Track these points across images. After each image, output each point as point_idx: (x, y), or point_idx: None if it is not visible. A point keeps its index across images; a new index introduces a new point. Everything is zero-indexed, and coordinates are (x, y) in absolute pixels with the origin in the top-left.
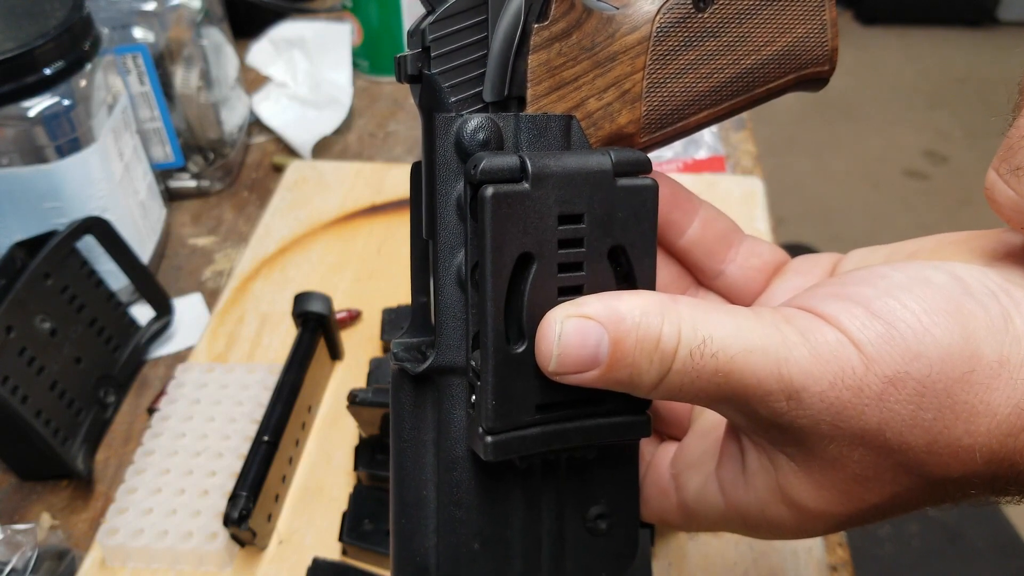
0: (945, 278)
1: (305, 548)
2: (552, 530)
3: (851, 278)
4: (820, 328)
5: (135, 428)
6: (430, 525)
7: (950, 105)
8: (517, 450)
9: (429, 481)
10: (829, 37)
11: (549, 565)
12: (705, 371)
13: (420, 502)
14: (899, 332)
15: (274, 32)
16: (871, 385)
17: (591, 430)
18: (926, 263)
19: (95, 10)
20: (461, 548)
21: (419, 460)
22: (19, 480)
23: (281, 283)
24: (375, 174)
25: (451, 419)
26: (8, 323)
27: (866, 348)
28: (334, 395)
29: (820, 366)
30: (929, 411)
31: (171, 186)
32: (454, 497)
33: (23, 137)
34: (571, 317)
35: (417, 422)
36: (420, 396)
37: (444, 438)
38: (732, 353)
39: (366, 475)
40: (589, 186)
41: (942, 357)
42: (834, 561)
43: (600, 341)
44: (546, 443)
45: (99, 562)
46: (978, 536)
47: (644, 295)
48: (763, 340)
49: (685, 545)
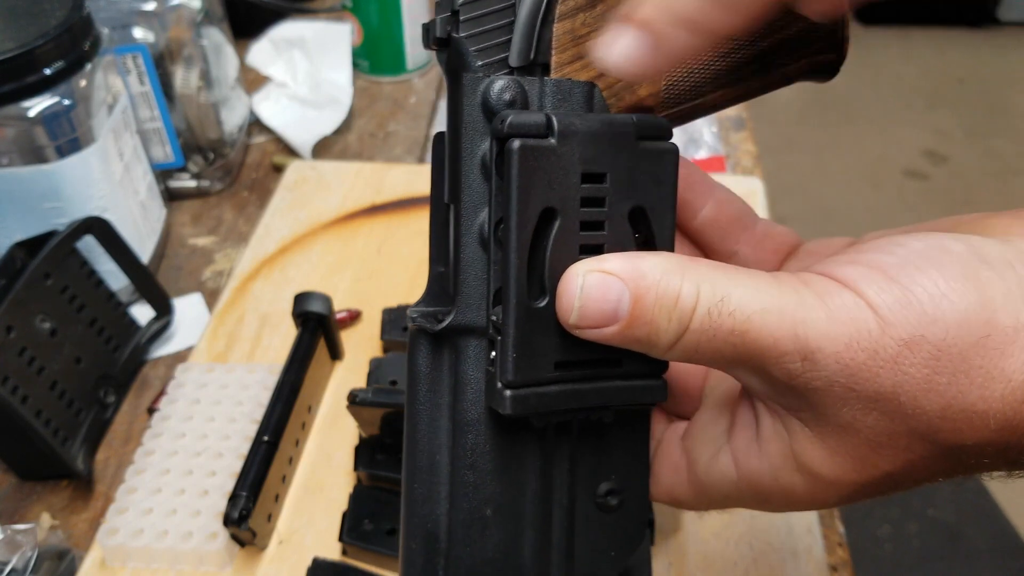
0: (962, 247)
1: (305, 548)
2: (564, 504)
3: (869, 246)
4: (837, 291)
5: (135, 428)
6: (442, 491)
7: (950, 105)
8: (535, 406)
9: (443, 446)
10: (840, 27)
11: (560, 539)
12: (722, 330)
13: (433, 467)
14: (916, 296)
15: (274, 32)
16: (887, 347)
17: (608, 391)
18: (944, 234)
19: (95, 10)
20: (473, 514)
21: (434, 424)
22: (19, 480)
23: (281, 283)
24: (375, 174)
25: (467, 381)
26: (8, 323)
27: (882, 311)
28: (334, 395)
29: (836, 327)
30: (944, 375)
31: (171, 186)
32: (467, 461)
33: (23, 137)
34: (593, 271)
35: (433, 384)
36: (437, 357)
37: (460, 400)
38: (749, 312)
39: (366, 475)
40: (612, 147)
41: (958, 321)
42: (834, 561)
43: (621, 296)
44: (564, 402)
45: (99, 562)
46: (978, 536)
47: (665, 255)
48: (780, 301)
49: (685, 545)
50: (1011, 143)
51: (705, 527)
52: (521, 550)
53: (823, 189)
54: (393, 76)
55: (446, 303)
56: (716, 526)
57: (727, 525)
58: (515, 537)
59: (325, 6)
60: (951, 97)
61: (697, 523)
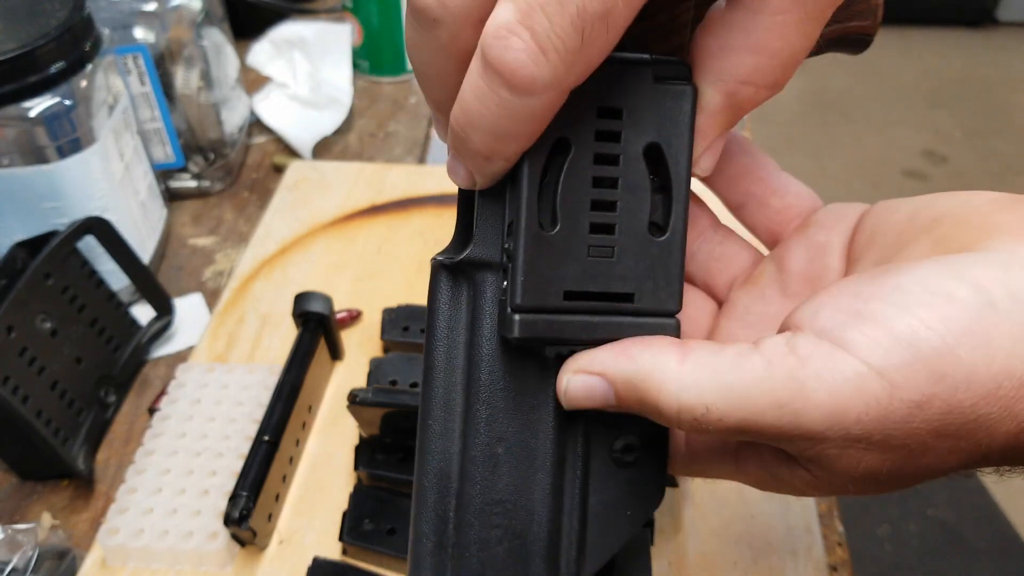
0: (967, 292)
1: (305, 548)
2: (578, 451)
3: (866, 289)
4: (839, 362)
5: (136, 428)
6: (456, 430)
7: (950, 105)
8: (543, 332)
9: (459, 384)
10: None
11: (573, 487)
12: (714, 429)
13: (448, 404)
14: (923, 355)
15: (274, 32)
16: (897, 411)
17: (619, 327)
18: (947, 269)
19: (96, 10)
20: (484, 451)
21: (451, 361)
22: (20, 480)
23: (281, 283)
24: (375, 174)
25: (484, 316)
26: (9, 323)
27: (890, 374)
28: (334, 395)
29: (843, 406)
30: (953, 424)
31: (171, 186)
32: (481, 396)
33: (24, 137)
34: (578, 373)
35: (451, 321)
36: (456, 293)
37: (476, 335)
38: (741, 416)
39: (366, 475)
40: (630, 83)
41: (968, 376)
42: (834, 561)
43: (606, 394)
44: (573, 331)
45: (100, 562)
46: (978, 536)
47: (646, 355)
48: (776, 395)
49: (685, 545)
50: (1011, 143)
51: (705, 527)
52: (532, 493)
53: (822, 189)
54: (393, 76)
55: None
56: (716, 526)
57: (727, 525)
58: (526, 479)
59: (325, 6)
60: (951, 97)
61: (697, 523)
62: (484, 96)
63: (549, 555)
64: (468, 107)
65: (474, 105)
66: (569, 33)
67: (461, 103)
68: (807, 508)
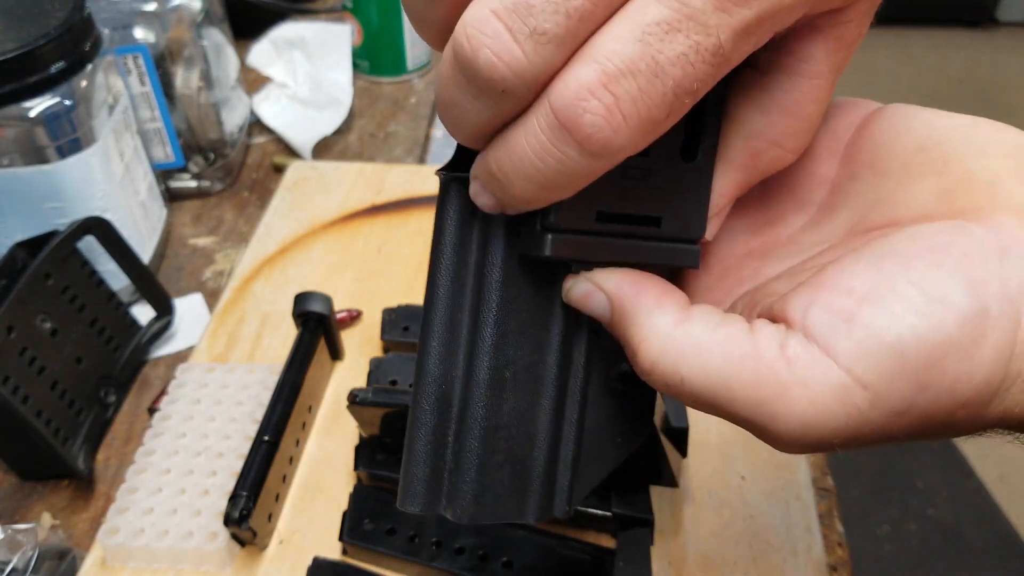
0: (962, 296)
1: (305, 548)
2: (580, 377)
3: (860, 286)
4: (825, 371)
5: (136, 428)
6: (460, 352)
7: (950, 105)
8: (573, 250)
9: (466, 306)
10: None
11: (572, 414)
12: (681, 397)
13: (453, 325)
14: (910, 366)
15: (274, 33)
16: (876, 419)
17: (644, 250)
18: (945, 267)
19: (96, 10)
20: (492, 375)
21: (459, 280)
22: (20, 480)
23: (281, 283)
24: (375, 174)
25: (497, 236)
26: (9, 323)
27: (875, 386)
28: (334, 395)
29: (821, 419)
30: (927, 428)
31: (172, 186)
32: (491, 318)
33: (24, 137)
34: (588, 281)
35: (461, 239)
36: (467, 209)
37: (487, 255)
38: (714, 398)
39: (366, 475)
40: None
41: (950, 388)
42: (833, 561)
43: (603, 310)
44: (602, 253)
45: (100, 562)
46: (978, 536)
47: (648, 300)
48: (757, 392)
49: (685, 545)
50: None
51: (705, 527)
52: (536, 419)
53: None
54: (393, 76)
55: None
56: (716, 526)
57: (727, 525)
58: (531, 404)
59: (325, 6)
60: (950, 97)
61: (697, 523)
62: (544, 151)
63: (546, 479)
64: (520, 157)
65: (527, 156)
66: (658, 106)
67: (512, 151)
68: (807, 508)
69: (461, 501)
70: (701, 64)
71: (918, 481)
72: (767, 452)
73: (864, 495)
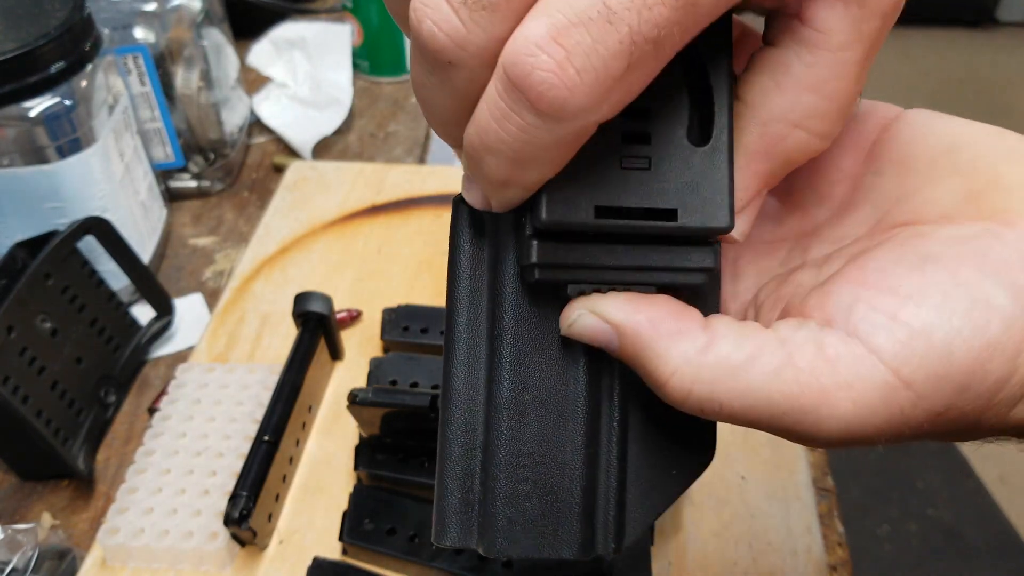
0: (1005, 299)
1: (305, 548)
2: (616, 401)
3: (904, 284)
4: (869, 369)
5: (136, 428)
6: (481, 377)
7: (950, 105)
8: (565, 259)
9: (483, 328)
10: None
11: (609, 441)
12: (722, 419)
13: (472, 350)
14: (955, 368)
15: (274, 33)
16: (916, 418)
17: (648, 254)
18: (985, 268)
19: (96, 10)
20: (510, 399)
21: (474, 303)
22: (20, 480)
23: (281, 283)
24: (375, 174)
25: (507, 253)
26: (9, 323)
27: (919, 386)
28: (334, 395)
29: (866, 418)
30: (956, 425)
31: (172, 186)
32: (505, 339)
33: (24, 137)
34: (587, 314)
35: (474, 260)
36: (478, 227)
37: (499, 274)
38: (755, 416)
39: (366, 475)
40: None
41: (989, 390)
42: (833, 560)
43: (611, 341)
44: (599, 257)
45: (100, 561)
46: (978, 536)
47: (667, 329)
48: (799, 401)
49: (685, 545)
50: None
51: (705, 527)
52: (563, 444)
53: None
54: (393, 76)
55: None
56: (716, 526)
57: (727, 525)
58: (557, 428)
59: (325, 6)
60: (951, 97)
61: (697, 523)
62: (503, 118)
63: (584, 513)
64: (484, 128)
65: (491, 127)
66: (614, 56)
67: (476, 123)
68: (807, 508)
69: (491, 534)
70: (659, 6)
71: (918, 481)
72: (767, 452)
73: (864, 495)
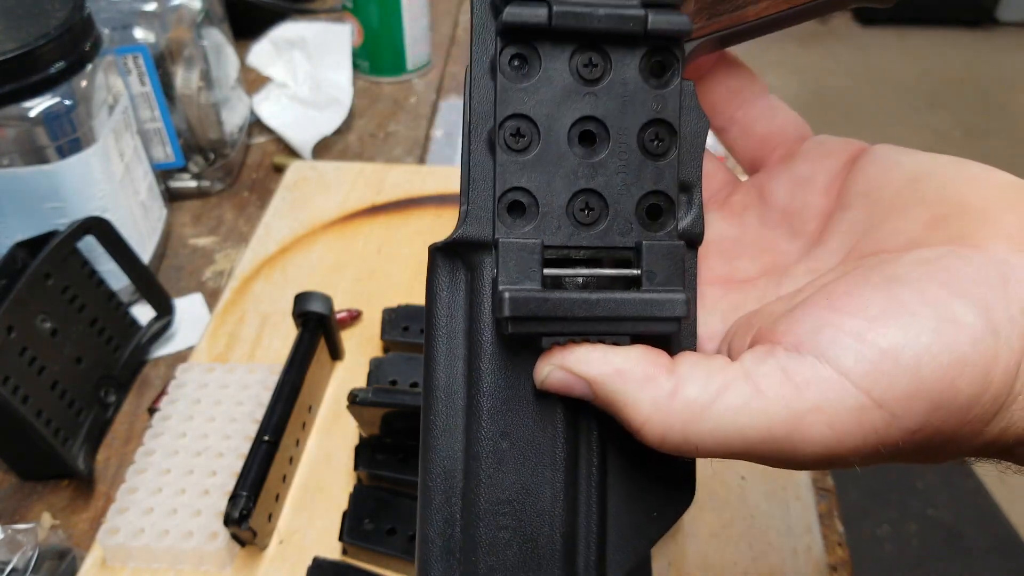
0: (974, 318)
1: (305, 548)
2: (594, 446)
3: (871, 307)
4: (840, 392)
5: (136, 428)
6: (459, 425)
7: (949, 105)
8: (536, 310)
9: (460, 375)
10: None
11: (588, 487)
12: (700, 456)
13: (451, 398)
14: (926, 386)
15: (274, 33)
16: (892, 437)
17: (619, 304)
18: (953, 287)
19: (96, 10)
20: (488, 447)
21: (451, 351)
22: (20, 480)
23: (281, 283)
24: (375, 174)
25: (482, 301)
26: (9, 323)
27: (891, 405)
28: (334, 395)
29: (841, 439)
30: (935, 443)
31: (172, 186)
32: (482, 387)
33: (24, 137)
34: (561, 369)
35: (451, 308)
36: (454, 277)
37: (475, 322)
38: (730, 451)
39: (366, 475)
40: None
41: (962, 407)
42: (833, 561)
43: (584, 392)
44: (571, 308)
45: (100, 561)
46: (977, 536)
47: (634, 376)
48: (771, 431)
49: (685, 545)
50: (1010, 143)
51: (705, 527)
52: (542, 491)
53: None
54: (393, 76)
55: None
56: (716, 526)
57: (727, 525)
58: (535, 476)
59: (325, 6)
60: (950, 97)
61: (697, 523)
62: None
63: (565, 559)
64: None
65: None
66: None
67: None
68: (807, 508)
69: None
70: None
71: (918, 481)
72: None
73: (864, 495)
